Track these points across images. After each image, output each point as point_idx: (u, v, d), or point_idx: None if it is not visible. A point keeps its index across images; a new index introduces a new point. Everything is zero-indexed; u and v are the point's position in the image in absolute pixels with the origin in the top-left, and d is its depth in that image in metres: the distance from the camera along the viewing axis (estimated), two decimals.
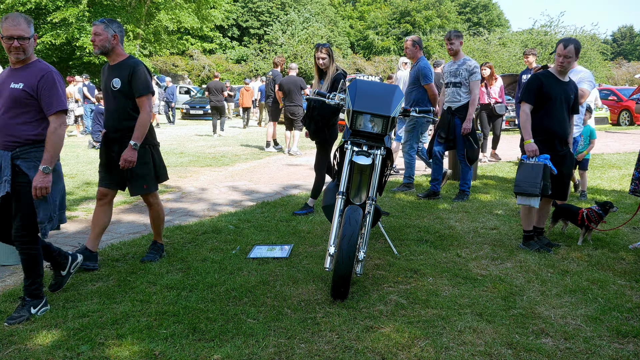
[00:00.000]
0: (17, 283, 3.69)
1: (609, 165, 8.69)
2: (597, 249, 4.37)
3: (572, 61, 4.23)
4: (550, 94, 4.22)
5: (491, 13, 55.70)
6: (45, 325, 2.97)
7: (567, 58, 4.19)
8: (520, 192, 4.13)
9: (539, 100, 4.26)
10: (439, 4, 48.97)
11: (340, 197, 3.41)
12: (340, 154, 3.63)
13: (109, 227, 5.24)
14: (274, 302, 3.28)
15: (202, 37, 37.16)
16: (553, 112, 4.24)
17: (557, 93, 4.23)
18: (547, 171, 4.12)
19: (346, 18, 53.51)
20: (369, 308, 3.20)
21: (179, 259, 4.11)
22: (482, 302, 3.28)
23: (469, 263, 4.03)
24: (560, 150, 4.30)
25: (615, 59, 46.61)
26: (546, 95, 4.23)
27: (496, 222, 5.21)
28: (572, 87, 4.34)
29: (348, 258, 3.13)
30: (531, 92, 4.28)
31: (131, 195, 4.11)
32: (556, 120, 4.24)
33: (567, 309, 3.21)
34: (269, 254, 4.18)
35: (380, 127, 3.48)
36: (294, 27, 40.33)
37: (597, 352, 2.69)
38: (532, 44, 30.15)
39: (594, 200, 5.15)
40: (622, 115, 17.59)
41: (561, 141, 4.30)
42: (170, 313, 3.10)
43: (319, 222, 5.24)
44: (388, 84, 3.85)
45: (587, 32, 30.35)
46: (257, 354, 2.65)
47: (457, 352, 2.67)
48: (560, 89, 4.26)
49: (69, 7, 23.06)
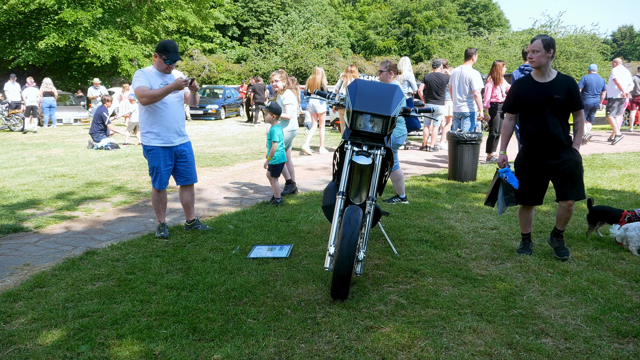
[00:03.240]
0: (17, 283, 3.70)
1: (609, 165, 8.69)
2: (597, 249, 4.37)
3: (542, 57, 3.91)
4: (525, 98, 4.04)
5: (491, 13, 55.68)
6: (45, 325, 2.97)
7: (535, 53, 3.91)
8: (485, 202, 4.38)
9: (516, 107, 4.15)
10: (439, 4, 48.94)
11: (340, 197, 3.41)
12: (340, 154, 3.63)
13: (109, 227, 5.25)
14: (274, 302, 3.28)
15: (202, 37, 37.15)
16: (531, 116, 4.04)
17: (534, 95, 3.98)
18: (504, 184, 4.10)
19: (346, 18, 53.51)
20: (369, 308, 3.20)
21: (179, 259, 4.11)
22: (482, 302, 3.28)
23: (469, 263, 4.03)
24: (551, 155, 4.01)
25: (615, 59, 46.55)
26: (521, 100, 4.08)
27: (496, 222, 5.21)
28: (558, 84, 3.96)
29: (348, 258, 3.13)
30: (508, 99, 4.23)
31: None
32: (535, 124, 4.01)
33: (567, 309, 3.21)
34: (269, 254, 4.18)
35: (380, 127, 3.48)
36: (294, 27, 40.33)
37: (597, 352, 2.69)
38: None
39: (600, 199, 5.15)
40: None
41: (550, 145, 4.00)
42: (170, 313, 3.10)
43: (319, 222, 5.24)
44: (388, 84, 3.85)
45: (587, 32, 30.33)
46: (257, 354, 2.65)
47: (457, 352, 2.68)
48: (538, 90, 3.98)
49: (78, 10, 23.01)
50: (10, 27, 25.52)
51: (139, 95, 4.46)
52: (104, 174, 8.20)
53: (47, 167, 8.93)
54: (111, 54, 24.12)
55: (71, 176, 7.96)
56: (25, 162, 9.60)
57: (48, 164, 9.32)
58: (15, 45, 25.42)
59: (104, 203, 6.29)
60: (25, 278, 3.79)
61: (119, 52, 24.42)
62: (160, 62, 4.58)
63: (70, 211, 5.85)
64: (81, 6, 23.89)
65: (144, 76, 4.52)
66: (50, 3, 22.68)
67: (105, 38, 24.18)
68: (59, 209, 5.96)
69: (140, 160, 9.77)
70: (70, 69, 27.68)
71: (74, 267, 3.95)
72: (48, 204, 6.18)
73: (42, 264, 4.12)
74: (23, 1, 22.32)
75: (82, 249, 4.51)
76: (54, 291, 3.48)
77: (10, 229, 5.09)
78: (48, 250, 4.50)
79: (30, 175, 8.06)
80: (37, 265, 4.11)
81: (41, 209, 5.94)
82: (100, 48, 23.66)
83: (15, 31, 25.72)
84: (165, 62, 4.55)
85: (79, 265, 4.00)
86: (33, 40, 24.76)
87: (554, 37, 29.78)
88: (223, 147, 12.04)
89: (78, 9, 23.14)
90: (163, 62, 4.57)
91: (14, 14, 23.73)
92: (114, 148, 11.64)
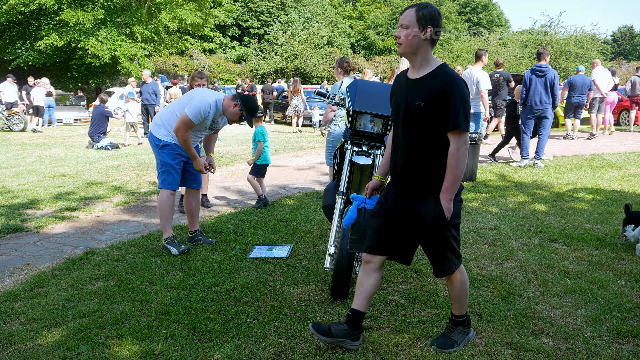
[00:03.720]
0: (17, 283, 3.70)
1: (609, 165, 8.69)
2: (597, 249, 4.37)
3: (412, 36, 2.45)
4: (393, 102, 2.68)
5: (491, 13, 55.71)
6: (45, 325, 2.97)
7: (403, 29, 2.47)
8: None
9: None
10: (439, 4, 48.94)
11: (340, 197, 3.41)
12: (340, 154, 3.63)
13: (109, 227, 5.25)
14: (274, 302, 3.28)
15: (202, 37, 37.17)
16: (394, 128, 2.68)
17: (398, 99, 2.61)
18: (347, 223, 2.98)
19: (346, 18, 53.53)
20: (369, 308, 3.19)
21: (179, 259, 4.11)
22: (482, 302, 3.28)
23: (469, 263, 4.03)
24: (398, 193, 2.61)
25: (615, 59, 46.58)
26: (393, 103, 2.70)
27: (496, 222, 5.21)
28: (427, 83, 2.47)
29: (348, 258, 3.13)
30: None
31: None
32: (392, 141, 2.70)
33: (567, 309, 3.21)
34: (269, 254, 4.18)
35: (380, 127, 3.49)
36: (294, 27, 40.35)
37: (597, 352, 2.69)
38: (532, 44, 30.16)
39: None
40: (622, 115, 17.58)
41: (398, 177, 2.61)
42: (170, 313, 3.10)
43: (319, 222, 5.24)
44: (388, 84, 3.86)
45: (587, 32, 30.35)
46: (257, 354, 2.65)
47: (457, 352, 2.67)
48: (404, 91, 2.57)
49: (79, 10, 22.99)
50: (10, 28, 25.52)
51: (182, 126, 4.07)
52: (104, 174, 8.20)
53: (47, 167, 8.93)
54: (110, 53, 24.09)
55: (71, 176, 7.96)
56: (25, 162, 9.59)
57: (48, 164, 9.32)
58: (15, 45, 25.41)
59: (104, 203, 6.29)
60: (25, 278, 3.79)
61: (118, 51, 24.40)
62: (235, 112, 4.23)
63: (70, 211, 5.85)
64: (81, 7, 23.88)
65: (206, 112, 4.11)
66: (50, 3, 22.67)
67: (104, 37, 24.16)
68: (59, 209, 5.96)
69: (140, 160, 9.77)
70: (71, 70, 27.67)
71: (74, 267, 3.95)
72: (48, 204, 6.18)
73: (42, 264, 4.12)
74: (23, 1, 22.31)
75: (82, 249, 4.50)
76: (54, 291, 3.48)
77: (10, 229, 5.09)
78: (48, 250, 4.50)
79: (30, 175, 8.05)
80: (37, 265, 4.11)
81: (41, 209, 5.94)
82: (99, 47, 23.64)
83: (15, 31, 25.71)
84: (240, 117, 4.27)
85: (79, 265, 4.00)
86: (33, 40, 24.74)
87: (554, 37, 29.75)
88: (223, 147, 12.03)
89: (78, 10, 23.13)
90: (238, 115, 4.25)
91: (14, 14, 23.72)
92: (114, 148, 11.64)
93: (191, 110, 4.09)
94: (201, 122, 4.15)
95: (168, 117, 4.29)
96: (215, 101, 4.17)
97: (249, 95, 4.45)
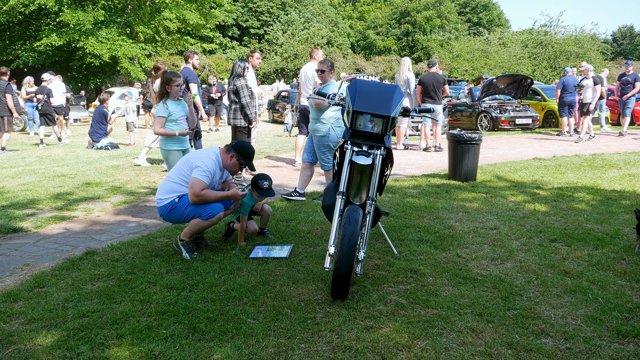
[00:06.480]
0: (17, 283, 3.70)
1: (609, 165, 8.69)
2: (597, 249, 4.37)
3: None
4: None
5: (491, 13, 55.70)
6: (45, 325, 2.97)
7: None
8: None
9: None
10: (439, 4, 48.92)
11: (340, 197, 3.41)
12: (340, 154, 3.63)
13: (109, 227, 5.25)
14: (274, 302, 3.28)
15: (202, 37, 37.16)
16: None
17: None
18: None
19: (346, 18, 53.53)
20: (369, 308, 3.20)
21: (179, 259, 4.11)
22: (482, 302, 3.28)
23: (469, 263, 4.03)
24: None
25: (616, 59, 46.57)
26: None
27: (496, 222, 5.21)
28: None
29: (348, 258, 3.13)
30: None
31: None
32: None
33: (567, 309, 3.21)
34: (269, 254, 4.18)
35: (380, 127, 3.48)
36: (294, 27, 40.37)
37: (597, 352, 2.68)
38: (532, 44, 30.16)
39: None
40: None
41: None
42: (170, 313, 3.10)
43: (319, 222, 5.24)
44: (388, 84, 3.85)
45: (587, 32, 30.34)
46: (257, 354, 2.65)
47: (457, 352, 2.67)
48: None
49: (79, 11, 22.97)
50: (10, 28, 25.52)
51: (196, 195, 4.01)
52: (103, 174, 8.20)
53: (47, 167, 8.93)
54: (110, 53, 24.08)
55: (71, 176, 7.96)
56: (25, 162, 9.59)
57: (48, 164, 9.32)
58: (15, 46, 25.41)
59: (104, 203, 6.29)
60: (25, 278, 3.79)
61: (118, 51, 24.40)
62: (234, 163, 4.25)
63: (70, 211, 5.85)
64: (81, 7, 23.87)
65: (210, 173, 4.10)
66: (50, 4, 22.67)
67: (104, 37, 24.15)
68: (58, 209, 5.96)
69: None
70: (71, 70, 27.67)
71: (74, 267, 3.95)
72: (48, 204, 6.18)
73: (42, 264, 4.12)
74: (23, 2, 22.31)
75: (82, 249, 4.50)
76: (53, 291, 3.48)
77: (10, 229, 5.09)
78: (48, 250, 4.50)
79: (30, 175, 8.05)
80: (37, 265, 4.11)
81: (41, 209, 5.94)
82: (99, 47, 23.63)
83: (15, 32, 25.72)
84: (240, 166, 4.28)
85: (79, 265, 4.00)
86: (33, 41, 24.75)
87: (554, 37, 29.75)
88: None
89: (78, 10, 23.12)
90: (237, 165, 4.26)
91: (14, 15, 23.72)
92: (114, 148, 11.64)
93: (197, 178, 4.04)
94: (208, 182, 4.10)
95: (170, 186, 4.21)
96: (213, 164, 4.14)
97: (240, 142, 4.32)
